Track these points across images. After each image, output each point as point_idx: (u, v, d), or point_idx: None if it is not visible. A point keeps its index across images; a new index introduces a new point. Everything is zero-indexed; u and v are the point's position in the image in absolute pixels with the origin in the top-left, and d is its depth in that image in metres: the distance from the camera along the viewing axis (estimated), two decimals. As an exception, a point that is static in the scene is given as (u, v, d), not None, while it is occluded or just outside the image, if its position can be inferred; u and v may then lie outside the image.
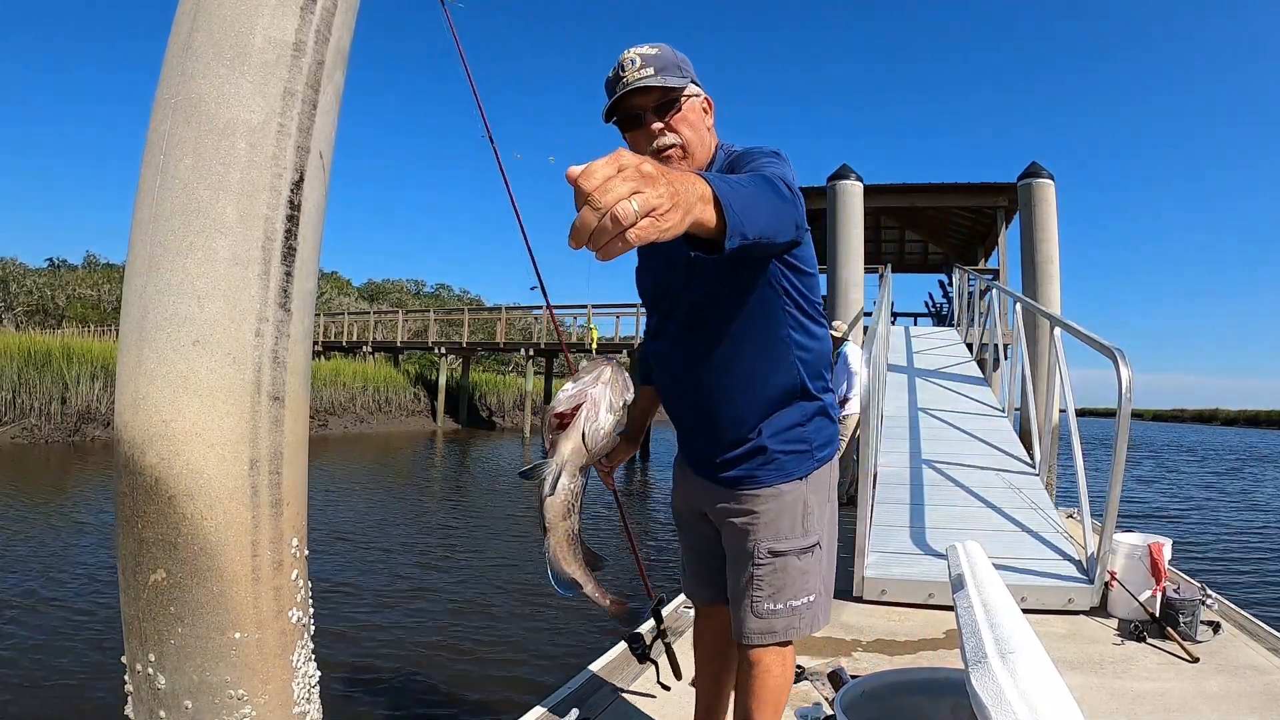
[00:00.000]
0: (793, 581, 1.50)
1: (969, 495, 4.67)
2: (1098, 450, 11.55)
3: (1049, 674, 0.94)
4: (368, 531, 8.08)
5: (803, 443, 1.51)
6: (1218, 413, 78.59)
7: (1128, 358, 3.41)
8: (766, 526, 1.50)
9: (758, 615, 1.51)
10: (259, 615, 1.26)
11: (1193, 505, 12.75)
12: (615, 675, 2.56)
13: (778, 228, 1.11)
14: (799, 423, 1.51)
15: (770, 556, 1.50)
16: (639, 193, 0.75)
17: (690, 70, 1.43)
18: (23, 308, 31.56)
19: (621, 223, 0.73)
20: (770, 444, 1.49)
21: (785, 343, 1.46)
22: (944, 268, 15.72)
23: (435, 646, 4.57)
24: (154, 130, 1.26)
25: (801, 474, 1.51)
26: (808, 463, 1.52)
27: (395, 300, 44.61)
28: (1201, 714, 2.34)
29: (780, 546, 1.50)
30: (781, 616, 1.50)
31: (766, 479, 1.50)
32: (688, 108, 1.42)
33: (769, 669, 1.53)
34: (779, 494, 1.50)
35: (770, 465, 1.50)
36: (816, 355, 1.53)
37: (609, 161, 0.75)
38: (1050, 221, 7.95)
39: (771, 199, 1.10)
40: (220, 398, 1.22)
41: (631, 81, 1.37)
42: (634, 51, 1.40)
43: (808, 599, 1.52)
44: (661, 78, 1.37)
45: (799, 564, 1.50)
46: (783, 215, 1.13)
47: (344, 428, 21.79)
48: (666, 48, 1.42)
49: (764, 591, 1.50)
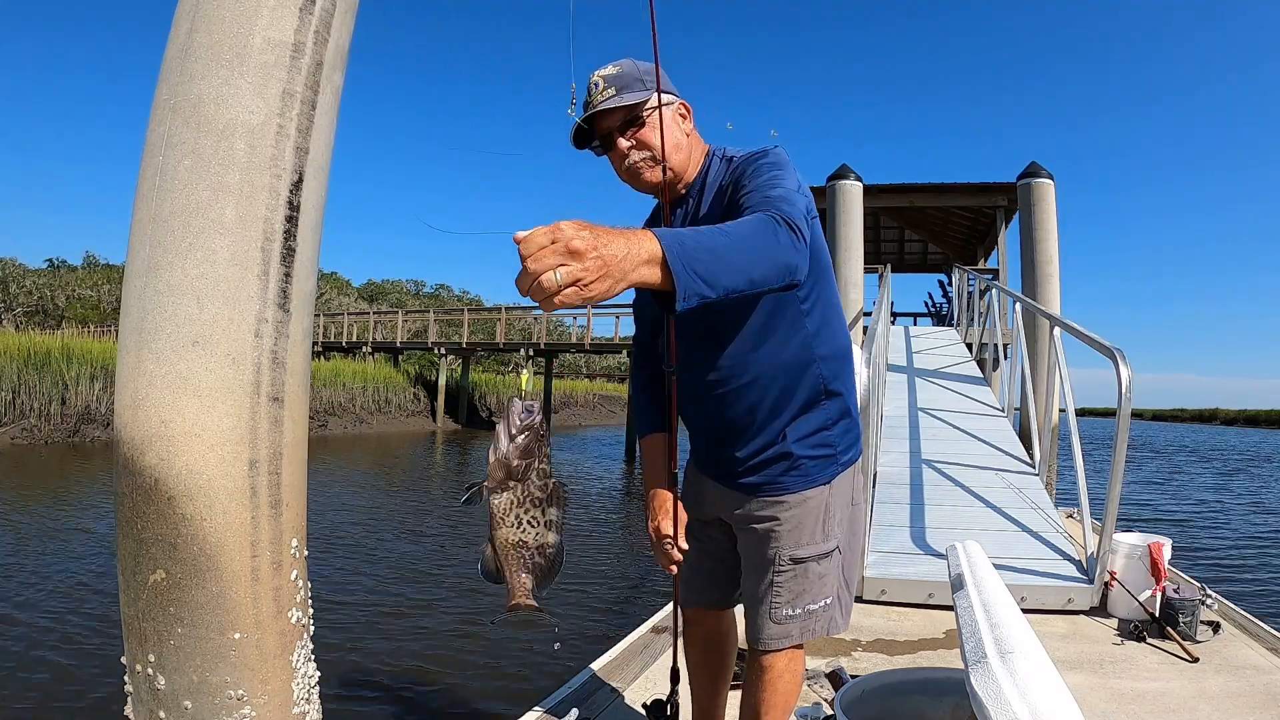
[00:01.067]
0: (811, 587, 1.49)
1: (969, 495, 4.67)
2: (1100, 450, 11.56)
3: (1049, 674, 0.94)
4: (367, 531, 8.08)
5: (828, 447, 1.49)
6: (1217, 413, 78.63)
7: (1127, 357, 3.41)
8: (789, 534, 1.48)
9: (775, 621, 1.49)
10: (258, 615, 1.26)
11: (1201, 508, 12.75)
12: (615, 675, 2.56)
13: (761, 277, 1.08)
14: (823, 426, 1.48)
15: (791, 564, 1.48)
16: (565, 265, 0.84)
17: (655, 80, 1.40)
18: (22, 308, 31.57)
19: (545, 290, 0.84)
20: (796, 449, 1.46)
21: (805, 343, 1.44)
22: (944, 267, 15.73)
23: (435, 646, 4.57)
24: (153, 131, 1.26)
25: (826, 479, 1.49)
26: (832, 467, 1.50)
27: (395, 300, 44.63)
28: (1201, 714, 2.33)
29: (801, 553, 1.48)
30: (798, 621, 1.49)
31: (791, 485, 1.48)
32: (652, 120, 1.40)
33: (781, 674, 1.52)
34: (804, 500, 1.48)
35: (795, 471, 1.47)
36: (838, 353, 1.49)
37: (547, 232, 0.85)
38: (1050, 221, 7.95)
39: (758, 249, 1.08)
40: (220, 398, 1.22)
41: (596, 104, 1.37)
42: (597, 75, 1.39)
43: (824, 602, 1.50)
44: (620, 97, 1.36)
45: (818, 569, 1.49)
46: (772, 263, 1.09)
47: (344, 428, 21.79)
48: (628, 63, 1.40)
49: (783, 598, 1.48)
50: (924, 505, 4.51)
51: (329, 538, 7.49)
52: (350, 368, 24.13)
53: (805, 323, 1.43)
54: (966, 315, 10.65)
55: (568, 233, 0.84)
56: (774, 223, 1.12)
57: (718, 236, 1.04)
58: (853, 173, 8.42)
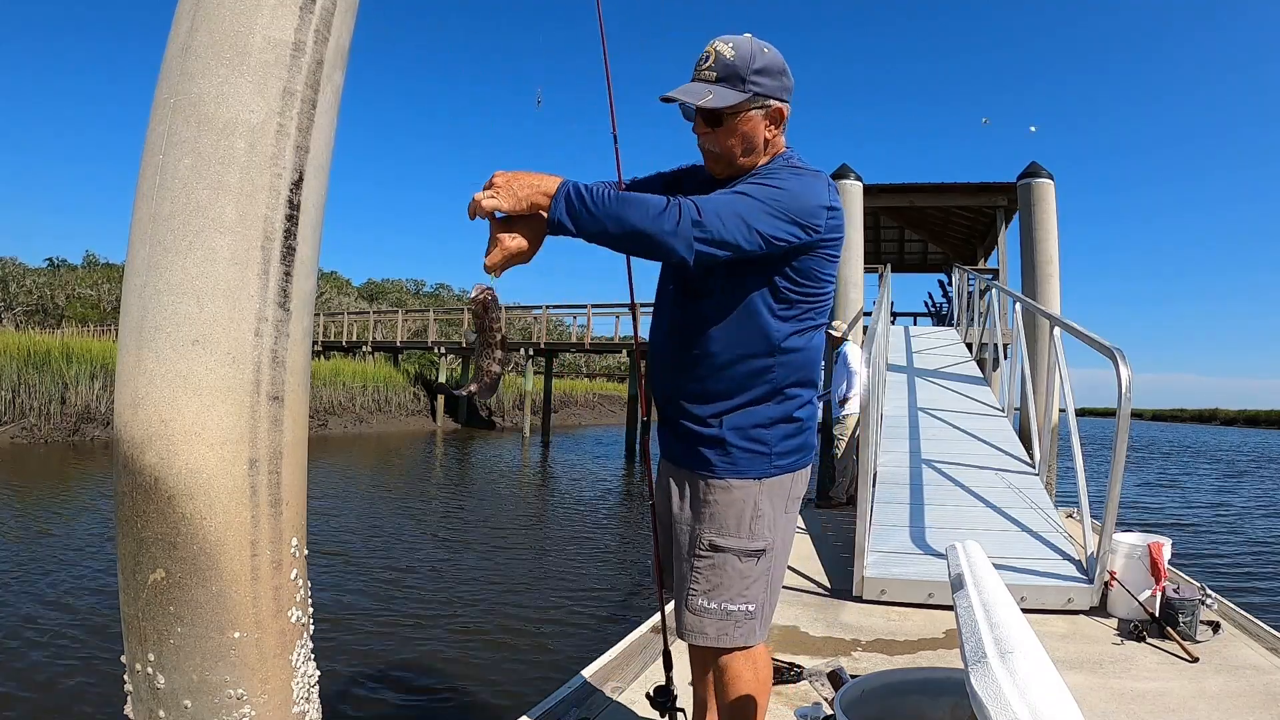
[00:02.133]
0: (731, 583, 1.48)
1: (969, 495, 4.67)
2: (1101, 450, 11.55)
3: (1049, 674, 0.94)
4: (367, 531, 8.08)
5: (761, 444, 1.49)
6: (1217, 413, 78.64)
7: (1127, 357, 3.41)
8: (711, 518, 1.49)
9: (690, 610, 1.49)
10: (258, 615, 1.25)
11: (1204, 510, 12.74)
12: (614, 675, 2.56)
13: (626, 240, 1.33)
14: (761, 424, 1.49)
15: (710, 550, 1.49)
16: (490, 187, 1.34)
17: (761, 80, 1.42)
18: (22, 307, 31.58)
19: (474, 205, 1.34)
20: (729, 437, 1.48)
21: (772, 340, 1.46)
22: (944, 267, 15.72)
23: (435, 646, 4.57)
24: (153, 130, 1.26)
25: (756, 474, 1.49)
26: (762, 464, 1.49)
27: (395, 300, 44.63)
28: (1201, 714, 2.34)
29: (721, 541, 1.48)
30: (713, 618, 1.48)
31: (719, 470, 1.50)
32: (738, 123, 1.44)
33: (739, 675, 1.52)
34: (729, 488, 1.49)
35: (725, 458, 1.49)
36: (804, 364, 1.51)
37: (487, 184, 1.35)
38: (1050, 221, 7.94)
39: (635, 218, 1.30)
40: (219, 397, 1.21)
41: (693, 78, 1.44)
42: (714, 47, 1.43)
43: (745, 606, 1.49)
44: (714, 94, 1.40)
45: (740, 566, 1.48)
46: (641, 235, 1.31)
47: (344, 427, 21.80)
48: (745, 51, 1.42)
49: (699, 586, 1.49)
50: (924, 505, 4.51)
51: (329, 537, 7.49)
52: (350, 367, 24.12)
53: (779, 326, 1.46)
54: (966, 315, 10.65)
55: (494, 175, 1.34)
56: (673, 207, 1.31)
57: (613, 198, 1.31)
58: (853, 172, 8.41)
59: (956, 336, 10.35)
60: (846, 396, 6.69)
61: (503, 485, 13.10)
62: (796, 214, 1.38)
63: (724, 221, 1.32)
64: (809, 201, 1.39)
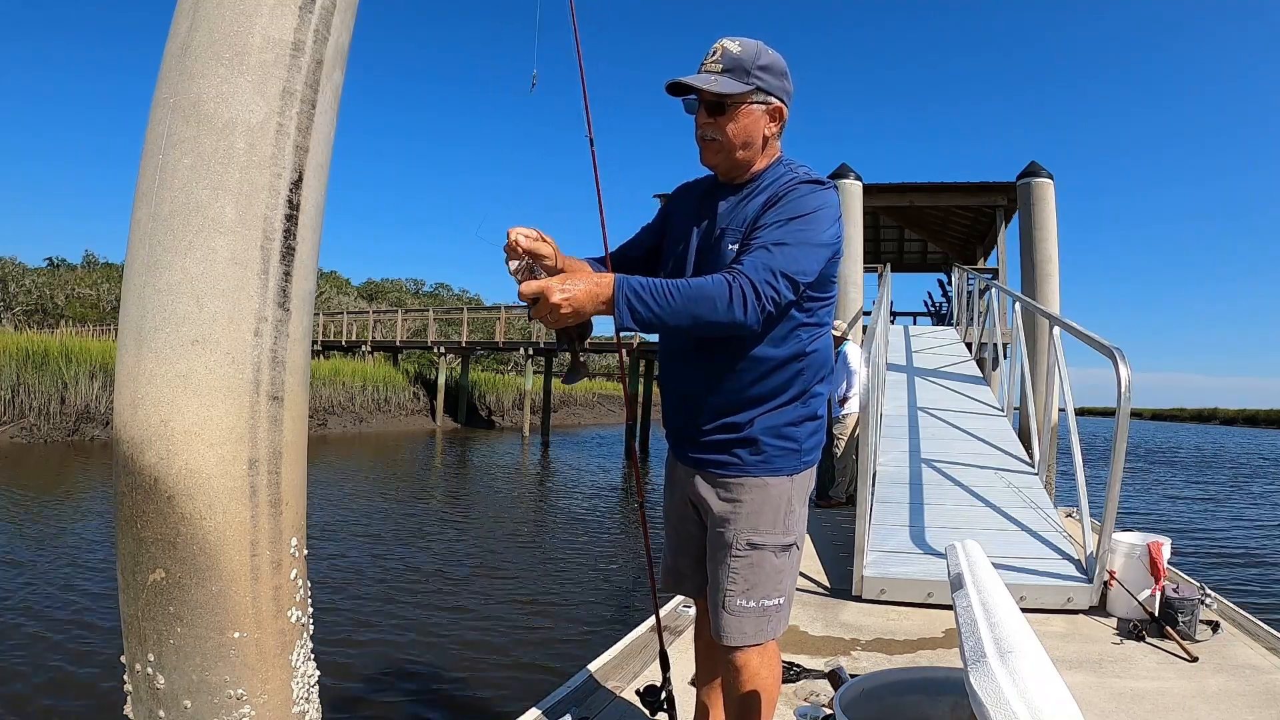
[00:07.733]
0: (767, 579, 1.51)
1: (968, 495, 4.67)
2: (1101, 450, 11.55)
3: (1048, 673, 0.94)
4: (368, 531, 8.08)
5: (793, 441, 1.54)
6: (1217, 412, 78.63)
7: (1127, 357, 3.41)
8: (748, 517, 1.52)
9: (730, 612, 1.51)
10: (258, 615, 1.25)
11: (1206, 511, 12.75)
12: (614, 675, 2.56)
13: (696, 327, 1.36)
14: (792, 423, 1.53)
15: (749, 549, 1.51)
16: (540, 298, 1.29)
17: (764, 76, 1.47)
18: (22, 307, 31.55)
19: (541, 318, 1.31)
20: (762, 437, 1.51)
21: (802, 345, 1.51)
22: (943, 267, 15.73)
23: (435, 646, 4.57)
24: (153, 130, 1.25)
25: (788, 471, 1.53)
26: (794, 461, 1.54)
27: (394, 299, 44.60)
28: (1200, 713, 2.34)
29: (758, 539, 1.51)
30: (752, 616, 1.51)
31: (753, 469, 1.52)
32: (740, 113, 1.48)
33: (756, 672, 1.53)
34: (764, 486, 1.52)
35: (758, 457, 1.52)
36: (822, 358, 1.56)
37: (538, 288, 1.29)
38: (1049, 221, 7.94)
39: (712, 313, 1.34)
40: (219, 397, 1.21)
41: (699, 70, 1.48)
42: (721, 43, 1.48)
43: (779, 600, 1.53)
44: (719, 81, 1.45)
45: (775, 562, 1.52)
46: (711, 322, 1.35)
47: (343, 427, 21.79)
48: (751, 49, 1.48)
49: (738, 586, 1.51)
50: (923, 505, 4.51)
51: (329, 537, 7.49)
52: (350, 367, 24.09)
53: (806, 332, 1.52)
54: (966, 315, 10.65)
55: (559, 295, 1.28)
56: (737, 293, 1.34)
57: (677, 296, 1.33)
58: (852, 172, 8.41)
59: (956, 336, 10.35)
60: (846, 396, 6.69)
61: (502, 485, 13.10)
62: (827, 240, 1.45)
63: (777, 284, 1.37)
64: (829, 222, 1.46)
